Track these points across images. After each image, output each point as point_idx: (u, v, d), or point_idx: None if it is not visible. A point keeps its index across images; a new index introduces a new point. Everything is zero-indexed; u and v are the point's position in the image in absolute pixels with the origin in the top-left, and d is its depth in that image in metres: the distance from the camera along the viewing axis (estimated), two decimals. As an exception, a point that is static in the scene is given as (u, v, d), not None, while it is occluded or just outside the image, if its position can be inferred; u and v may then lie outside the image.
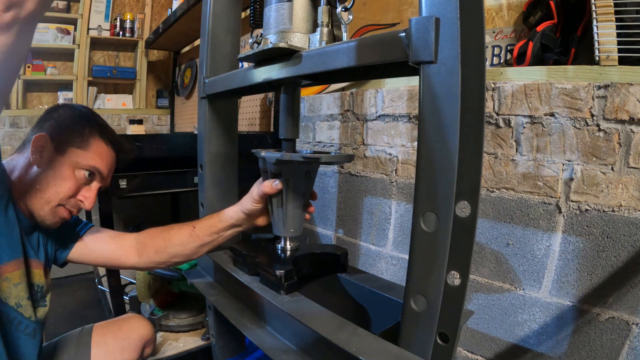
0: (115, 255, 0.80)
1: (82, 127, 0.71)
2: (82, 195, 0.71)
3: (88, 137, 0.71)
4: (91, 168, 0.71)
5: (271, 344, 0.65)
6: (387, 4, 1.27)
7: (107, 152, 0.75)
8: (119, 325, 0.91)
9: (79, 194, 0.71)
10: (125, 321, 0.93)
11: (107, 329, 0.89)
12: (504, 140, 0.90)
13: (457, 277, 0.42)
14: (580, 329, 0.80)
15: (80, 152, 0.70)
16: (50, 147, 0.68)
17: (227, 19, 0.82)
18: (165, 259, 0.79)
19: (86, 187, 0.72)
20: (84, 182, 0.71)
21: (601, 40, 0.78)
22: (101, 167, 0.73)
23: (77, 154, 0.70)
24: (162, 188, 1.25)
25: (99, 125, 0.74)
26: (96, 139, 0.73)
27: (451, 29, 0.37)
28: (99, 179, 0.74)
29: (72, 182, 0.69)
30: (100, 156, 0.73)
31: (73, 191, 0.70)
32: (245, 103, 1.78)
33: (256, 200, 0.69)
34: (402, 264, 1.14)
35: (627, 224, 0.74)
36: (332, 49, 0.48)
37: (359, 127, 1.24)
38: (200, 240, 0.76)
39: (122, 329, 0.89)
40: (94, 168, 0.72)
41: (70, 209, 0.71)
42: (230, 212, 0.74)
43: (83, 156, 0.70)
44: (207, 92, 0.80)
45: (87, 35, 2.31)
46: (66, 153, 0.69)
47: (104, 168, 0.74)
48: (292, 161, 0.63)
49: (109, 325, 0.91)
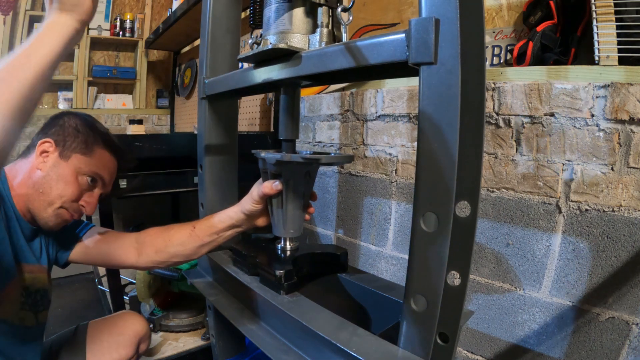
0: (115, 254, 0.80)
1: (87, 135, 0.73)
2: (84, 201, 0.73)
3: (92, 145, 0.73)
4: (94, 174, 0.73)
5: (271, 344, 0.65)
6: (387, 4, 1.27)
7: (110, 160, 0.77)
8: (113, 322, 0.91)
9: (81, 199, 0.73)
10: (120, 317, 0.94)
11: (102, 326, 0.90)
12: (504, 140, 0.90)
13: (457, 277, 0.42)
14: (580, 329, 0.80)
15: (84, 158, 0.72)
16: (55, 153, 0.70)
17: (227, 19, 0.82)
18: (165, 259, 0.79)
19: (88, 192, 0.74)
20: (86, 188, 0.73)
21: (601, 40, 0.78)
22: (104, 174, 0.75)
23: (81, 161, 0.72)
24: (162, 188, 1.25)
25: (103, 134, 0.77)
26: (100, 147, 0.75)
27: (451, 29, 0.37)
28: (101, 185, 0.76)
29: (75, 187, 0.71)
30: (103, 163, 0.75)
31: (76, 195, 0.71)
32: (245, 103, 1.78)
33: (256, 201, 0.69)
34: (402, 264, 1.14)
35: (627, 224, 0.74)
36: (331, 50, 0.48)
37: (359, 127, 1.24)
38: (200, 240, 0.76)
39: (117, 325, 0.90)
40: (96, 175, 0.74)
41: (72, 212, 0.72)
42: (230, 212, 0.74)
43: (86, 163, 0.72)
44: (207, 93, 0.80)
45: (87, 35, 2.31)
46: (70, 159, 0.71)
47: (106, 175, 0.76)
48: (292, 162, 0.63)
49: (104, 322, 0.92)
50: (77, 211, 0.73)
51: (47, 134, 0.71)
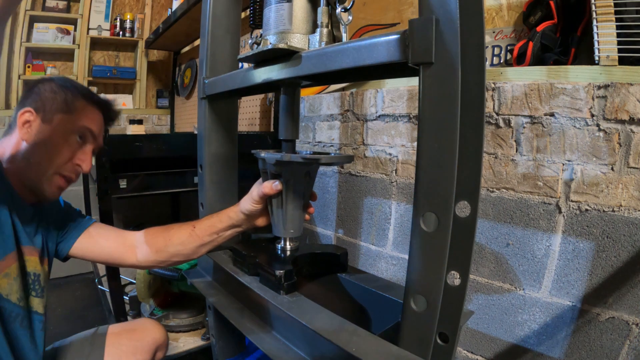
0: (116, 252, 0.80)
1: (65, 94, 0.71)
2: (79, 159, 0.71)
3: (73, 102, 0.71)
4: (81, 129, 0.71)
5: (271, 343, 0.65)
6: (387, 4, 1.27)
7: (94, 112, 0.75)
8: (133, 328, 0.91)
9: (75, 159, 0.71)
10: (139, 324, 0.93)
11: (121, 330, 0.89)
12: (504, 140, 0.90)
13: (457, 277, 0.42)
14: (580, 329, 0.80)
15: (68, 116, 0.70)
16: (37, 120, 0.68)
17: (226, 19, 0.82)
18: (165, 258, 0.79)
19: (80, 150, 0.72)
20: (77, 146, 0.71)
21: (601, 40, 0.78)
22: (92, 127, 0.73)
23: (65, 120, 0.70)
24: (162, 188, 1.26)
25: (81, 89, 0.74)
26: (81, 102, 0.72)
27: (451, 29, 0.37)
28: (91, 140, 0.73)
29: (65, 148, 0.69)
30: (88, 117, 0.72)
31: (68, 157, 0.70)
32: (245, 103, 1.78)
33: (256, 201, 0.69)
34: (402, 264, 1.14)
35: (627, 224, 0.74)
36: (331, 50, 0.48)
37: (359, 127, 1.24)
38: (200, 240, 0.76)
39: (137, 331, 0.90)
40: (83, 128, 0.71)
41: (68, 175, 0.71)
42: (230, 212, 0.74)
43: (71, 120, 0.70)
44: (206, 93, 0.80)
45: (87, 35, 2.31)
46: (53, 121, 0.69)
47: (95, 127, 0.73)
48: (292, 162, 0.63)
49: (124, 327, 0.92)
50: (74, 172, 0.71)
51: (26, 104, 0.69)
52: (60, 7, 2.28)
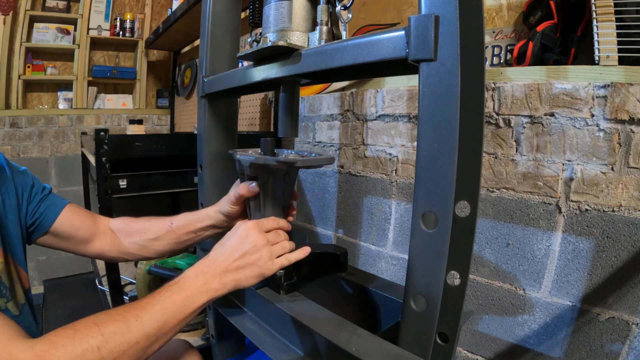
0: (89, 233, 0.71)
1: None
2: None
3: None
4: None
5: (271, 344, 0.65)
6: (387, 4, 1.26)
7: None
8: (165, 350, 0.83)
9: None
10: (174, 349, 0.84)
11: None
12: (504, 140, 0.90)
13: (457, 277, 0.42)
14: (580, 329, 0.80)
15: None
16: None
17: (226, 18, 0.82)
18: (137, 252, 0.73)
19: None
20: None
21: (601, 40, 0.78)
22: None
23: None
24: (162, 188, 1.26)
25: None
26: None
27: (451, 27, 0.37)
28: None
29: None
30: None
31: None
32: (245, 103, 1.78)
33: (233, 202, 0.67)
34: (402, 264, 1.14)
35: (627, 224, 0.73)
36: (331, 47, 0.48)
37: (359, 127, 1.23)
38: (177, 237, 0.72)
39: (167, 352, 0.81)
40: None
41: None
42: (209, 211, 0.72)
43: None
44: (206, 91, 0.80)
45: (87, 35, 2.31)
46: None
47: None
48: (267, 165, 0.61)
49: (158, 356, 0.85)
50: None
51: None
52: (60, 7, 2.28)
